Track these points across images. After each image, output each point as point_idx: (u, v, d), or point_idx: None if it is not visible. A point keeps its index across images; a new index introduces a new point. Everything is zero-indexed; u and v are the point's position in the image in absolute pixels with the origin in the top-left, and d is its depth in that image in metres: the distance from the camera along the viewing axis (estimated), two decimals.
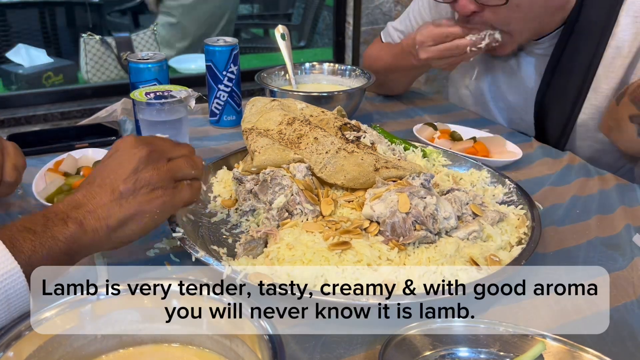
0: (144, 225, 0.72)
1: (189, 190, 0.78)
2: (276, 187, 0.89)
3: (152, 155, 0.74)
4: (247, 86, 1.60)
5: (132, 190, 0.71)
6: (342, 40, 3.17)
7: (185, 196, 0.77)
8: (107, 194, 0.70)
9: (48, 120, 2.73)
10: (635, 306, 0.77)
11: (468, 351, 0.67)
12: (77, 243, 0.66)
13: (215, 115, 1.36)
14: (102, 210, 0.69)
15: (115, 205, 0.70)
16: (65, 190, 1.00)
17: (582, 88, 1.26)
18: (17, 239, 0.62)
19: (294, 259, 0.77)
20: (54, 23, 3.22)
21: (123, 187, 0.71)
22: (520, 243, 0.86)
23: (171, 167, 0.75)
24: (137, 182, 0.72)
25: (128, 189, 0.71)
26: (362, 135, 1.04)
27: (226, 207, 0.96)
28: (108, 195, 0.70)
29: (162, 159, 0.75)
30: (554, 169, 1.18)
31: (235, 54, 1.30)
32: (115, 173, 0.72)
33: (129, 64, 1.17)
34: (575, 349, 0.65)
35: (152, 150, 0.75)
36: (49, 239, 0.63)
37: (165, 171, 0.74)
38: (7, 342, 0.52)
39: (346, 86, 1.44)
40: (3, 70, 2.94)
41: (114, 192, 0.70)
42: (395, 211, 0.82)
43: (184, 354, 0.61)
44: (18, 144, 1.20)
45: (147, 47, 3.09)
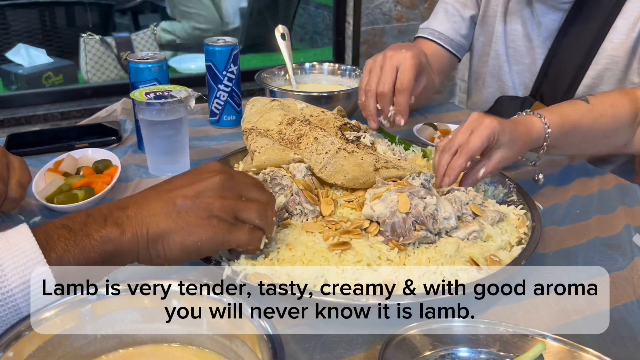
0: (184, 246, 0.67)
1: (247, 234, 0.71)
2: (276, 187, 0.89)
3: (225, 184, 0.70)
4: (247, 86, 1.61)
5: (188, 207, 0.67)
6: (342, 40, 3.17)
7: (241, 239, 0.70)
8: (160, 203, 0.67)
9: (48, 120, 2.73)
10: (635, 306, 0.77)
11: (468, 351, 0.67)
12: (113, 244, 0.63)
13: (215, 115, 1.36)
14: (149, 216, 0.65)
15: (163, 215, 0.66)
16: (65, 190, 1.00)
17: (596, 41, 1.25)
18: (52, 237, 0.60)
19: (294, 259, 0.77)
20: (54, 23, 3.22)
21: (180, 201, 0.67)
22: (520, 243, 0.86)
23: (238, 204, 0.70)
24: (196, 202, 0.67)
25: (184, 205, 0.67)
26: (362, 135, 1.04)
27: None
28: (161, 204, 0.67)
29: (234, 192, 0.71)
30: (554, 169, 1.18)
31: (235, 54, 1.30)
32: (179, 187, 0.69)
33: (129, 64, 1.17)
34: (575, 349, 0.65)
35: (227, 180, 0.71)
36: (83, 238, 0.61)
37: (229, 204, 0.69)
38: (7, 342, 0.52)
39: (346, 86, 1.44)
40: (3, 70, 2.94)
41: (168, 203, 0.67)
42: (395, 211, 0.82)
43: (184, 354, 0.61)
44: (18, 144, 1.21)
45: (147, 47, 3.09)
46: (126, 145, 1.25)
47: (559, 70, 1.33)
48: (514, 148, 0.95)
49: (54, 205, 0.96)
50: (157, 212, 0.66)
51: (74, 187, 1.01)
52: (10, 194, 0.87)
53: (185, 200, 0.67)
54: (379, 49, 3.15)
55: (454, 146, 0.93)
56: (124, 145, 1.25)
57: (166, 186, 0.70)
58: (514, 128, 0.96)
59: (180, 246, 0.67)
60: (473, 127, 0.93)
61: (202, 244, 0.67)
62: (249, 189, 0.73)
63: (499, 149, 0.94)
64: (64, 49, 3.15)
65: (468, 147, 0.92)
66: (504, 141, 0.93)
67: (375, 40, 3.13)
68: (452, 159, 0.93)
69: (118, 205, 0.66)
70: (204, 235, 0.67)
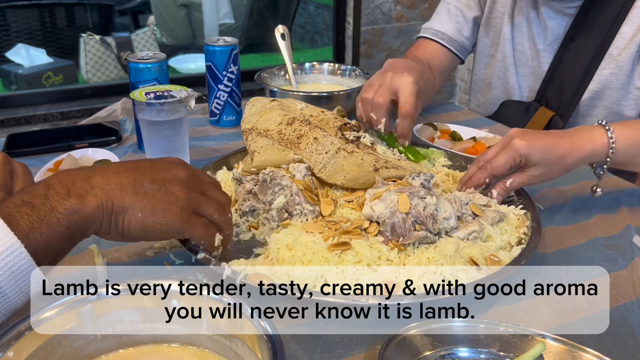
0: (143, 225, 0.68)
1: (203, 228, 0.73)
2: (276, 188, 0.89)
3: (190, 179, 0.72)
4: (247, 86, 1.61)
5: (154, 190, 0.68)
6: (342, 40, 3.17)
7: (197, 231, 0.72)
8: (128, 179, 0.67)
9: (48, 120, 2.74)
10: (635, 306, 0.77)
11: (468, 351, 0.67)
12: (79, 215, 0.62)
13: (215, 115, 1.36)
14: (115, 189, 0.66)
15: (131, 191, 0.67)
16: None
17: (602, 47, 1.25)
18: (14, 216, 0.59)
19: (293, 259, 0.77)
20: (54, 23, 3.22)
21: (148, 182, 0.68)
22: (520, 243, 0.86)
23: (200, 198, 0.73)
24: (162, 188, 0.69)
25: (152, 187, 0.68)
26: (362, 135, 1.04)
27: None
28: (130, 180, 0.67)
29: (197, 188, 0.73)
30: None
31: (235, 54, 1.30)
32: (147, 170, 0.70)
33: (129, 64, 1.17)
34: (575, 349, 0.65)
35: (192, 176, 0.73)
36: (47, 212, 0.60)
37: (192, 197, 0.71)
38: (7, 342, 0.52)
39: (346, 86, 1.44)
40: (3, 71, 2.94)
41: (136, 181, 0.68)
42: (395, 211, 0.82)
43: (184, 354, 0.61)
44: (18, 144, 1.21)
45: (147, 47, 3.09)
46: (126, 145, 1.25)
47: (564, 75, 1.33)
48: (550, 167, 0.93)
49: None
50: (125, 186, 0.67)
51: None
52: None
53: (154, 183, 0.69)
54: (379, 49, 3.15)
55: (483, 160, 0.96)
56: (124, 145, 1.25)
57: (133, 165, 0.71)
58: (553, 145, 0.93)
59: (141, 224, 0.68)
60: (504, 144, 0.94)
61: (161, 227, 0.69)
62: (209, 187, 0.76)
63: (534, 167, 0.93)
64: (64, 49, 3.15)
65: (491, 165, 0.94)
66: (536, 160, 0.92)
67: (375, 40, 3.13)
68: (477, 171, 0.96)
69: (80, 175, 0.65)
70: (164, 219, 0.69)
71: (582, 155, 0.94)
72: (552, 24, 1.33)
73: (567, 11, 1.30)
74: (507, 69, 1.45)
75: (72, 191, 0.63)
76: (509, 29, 1.41)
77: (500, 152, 0.93)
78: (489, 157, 0.95)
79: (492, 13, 1.45)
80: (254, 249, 0.86)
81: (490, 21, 1.46)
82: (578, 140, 0.94)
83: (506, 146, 0.93)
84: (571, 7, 1.29)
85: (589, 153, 0.94)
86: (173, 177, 0.71)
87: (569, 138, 0.95)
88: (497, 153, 0.94)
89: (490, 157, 0.95)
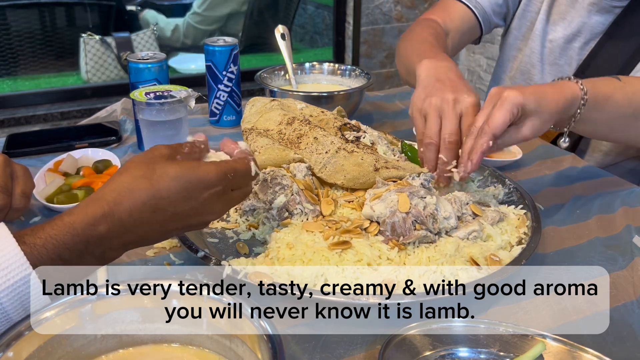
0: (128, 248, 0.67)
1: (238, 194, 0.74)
2: (276, 187, 0.89)
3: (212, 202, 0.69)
4: (247, 86, 1.61)
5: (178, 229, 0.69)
6: (342, 40, 3.17)
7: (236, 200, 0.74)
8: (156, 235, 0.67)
9: (48, 120, 2.74)
10: (635, 306, 0.77)
11: (468, 351, 0.67)
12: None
13: (215, 115, 1.36)
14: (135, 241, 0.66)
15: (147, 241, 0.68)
16: (65, 190, 1.00)
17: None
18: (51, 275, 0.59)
19: (294, 258, 0.77)
20: (54, 23, 3.22)
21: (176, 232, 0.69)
22: (520, 243, 0.86)
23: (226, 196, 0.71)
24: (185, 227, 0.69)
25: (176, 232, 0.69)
26: (362, 135, 1.04)
27: None
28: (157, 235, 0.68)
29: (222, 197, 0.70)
30: (554, 169, 1.18)
31: (235, 54, 1.30)
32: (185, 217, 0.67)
33: (128, 64, 1.17)
34: (575, 349, 0.65)
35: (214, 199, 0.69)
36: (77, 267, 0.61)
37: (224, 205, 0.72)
38: (7, 342, 0.52)
39: (346, 86, 1.44)
40: None
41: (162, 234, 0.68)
42: (395, 211, 0.82)
43: (184, 354, 0.61)
44: (18, 144, 1.21)
45: (147, 47, 3.09)
46: (126, 145, 1.25)
47: (597, 73, 1.28)
48: (544, 115, 0.89)
49: (54, 205, 0.96)
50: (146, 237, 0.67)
51: (74, 187, 1.01)
52: (15, 204, 0.88)
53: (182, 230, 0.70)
54: (379, 49, 3.15)
55: (477, 128, 0.87)
56: (124, 145, 1.25)
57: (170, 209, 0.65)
58: (541, 93, 0.89)
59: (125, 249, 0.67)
60: (493, 102, 0.87)
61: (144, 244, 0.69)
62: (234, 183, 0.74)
63: (527, 118, 0.88)
64: (64, 49, 3.15)
65: (489, 125, 0.85)
66: (531, 110, 0.87)
67: (375, 40, 3.13)
68: (475, 140, 0.87)
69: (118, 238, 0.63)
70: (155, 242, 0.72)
71: (566, 102, 0.91)
72: (592, 22, 1.30)
73: (613, 9, 1.26)
74: (534, 65, 1.42)
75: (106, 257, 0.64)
76: (542, 25, 1.38)
77: (495, 110, 0.86)
78: (481, 121, 0.87)
79: (528, 7, 1.42)
80: (254, 248, 0.86)
81: (526, 14, 1.43)
82: (555, 90, 0.92)
83: (497, 103, 0.86)
84: (618, 6, 1.25)
85: (570, 99, 0.92)
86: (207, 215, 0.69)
87: (550, 87, 0.92)
88: (489, 114, 0.87)
89: (483, 119, 0.87)
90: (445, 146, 0.94)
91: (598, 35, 1.31)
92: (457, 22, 1.41)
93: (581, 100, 0.93)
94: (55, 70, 3.16)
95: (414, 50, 1.25)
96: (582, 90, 0.93)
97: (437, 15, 1.41)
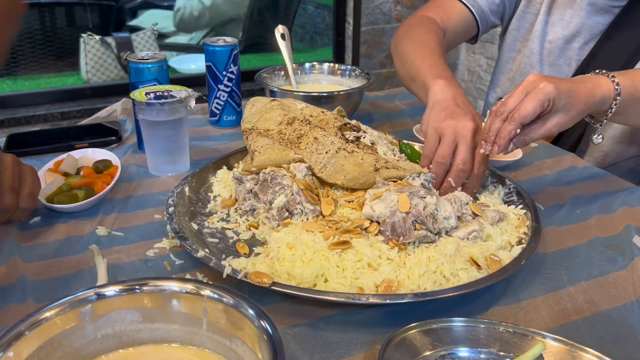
0: None
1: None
2: (276, 187, 0.89)
3: None
4: (247, 86, 1.61)
5: None
6: (342, 40, 3.17)
7: None
8: None
9: (48, 120, 2.74)
10: (635, 306, 0.77)
11: (468, 351, 0.67)
12: None
13: (215, 115, 1.36)
14: None
15: None
16: (65, 190, 1.00)
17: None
18: None
19: (294, 257, 0.77)
20: (54, 23, 3.22)
21: None
22: (520, 243, 0.86)
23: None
24: None
25: None
26: (362, 135, 1.04)
27: (226, 206, 0.96)
28: None
29: None
30: (554, 169, 1.18)
31: (235, 54, 1.30)
32: None
33: (129, 64, 1.17)
34: (575, 349, 0.65)
35: None
36: None
37: None
38: (7, 342, 0.52)
39: (346, 86, 1.44)
40: None
41: None
42: (395, 211, 0.82)
43: (184, 354, 0.61)
44: (18, 144, 1.21)
45: (147, 47, 3.09)
46: (126, 145, 1.25)
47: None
48: (571, 112, 0.90)
49: (54, 205, 0.96)
50: None
51: (74, 187, 1.01)
52: (22, 204, 0.89)
53: None
54: (379, 49, 3.15)
55: (506, 111, 0.88)
56: (124, 145, 1.25)
57: None
58: (574, 90, 0.90)
59: None
60: (527, 90, 0.88)
61: None
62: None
63: (555, 113, 0.89)
64: (64, 49, 3.16)
65: (519, 113, 0.86)
66: (560, 105, 0.88)
67: (375, 41, 3.13)
68: (503, 125, 0.88)
69: None
70: None
71: (595, 101, 0.93)
72: (591, 22, 1.30)
73: (612, 9, 1.27)
74: (533, 65, 1.42)
75: None
76: (541, 25, 1.38)
77: (527, 99, 0.87)
78: (512, 105, 0.88)
79: (527, 8, 1.42)
80: (254, 248, 0.86)
81: (525, 16, 1.43)
82: (587, 88, 0.93)
83: (531, 91, 0.87)
84: (617, 6, 1.26)
85: (599, 100, 0.94)
86: None
87: (583, 84, 0.93)
88: (520, 100, 0.87)
89: (514, 105, 0.88)
90: (457, 173, 0.95)
91: (597, 36, 1.31)
92: (454, 20, 1.41)
93: (614, 100, 0.95)
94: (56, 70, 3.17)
95: (423, 61, 1.23)
96: (616, 90, 0.95)
97: (434, 13, 1.41)
